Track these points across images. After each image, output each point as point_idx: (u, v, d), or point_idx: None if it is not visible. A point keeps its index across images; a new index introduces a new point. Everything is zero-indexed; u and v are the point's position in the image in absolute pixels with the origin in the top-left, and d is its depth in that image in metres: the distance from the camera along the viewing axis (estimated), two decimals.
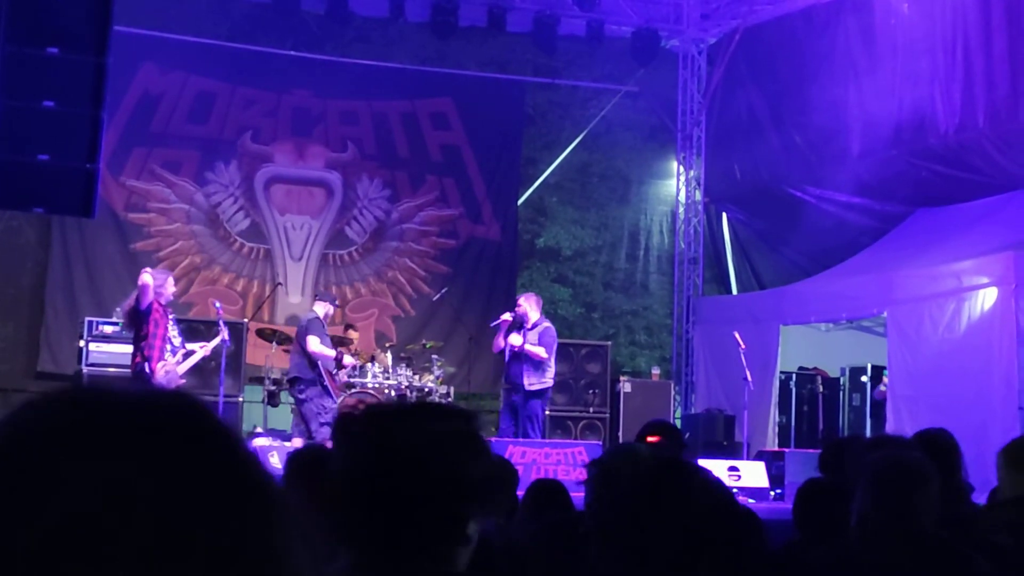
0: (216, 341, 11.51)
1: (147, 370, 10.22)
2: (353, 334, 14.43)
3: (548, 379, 12.61)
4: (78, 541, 0.73)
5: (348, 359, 12.84)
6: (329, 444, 4.68)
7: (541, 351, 12.40)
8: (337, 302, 13.13)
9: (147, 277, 10.35)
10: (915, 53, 14.20)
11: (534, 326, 12.60)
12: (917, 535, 2.98)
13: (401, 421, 1.98)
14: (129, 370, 10.92)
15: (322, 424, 11.86)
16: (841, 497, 3.38)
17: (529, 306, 12.71)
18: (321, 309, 12.72)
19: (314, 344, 12.18)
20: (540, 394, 12.54)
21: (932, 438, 4.46)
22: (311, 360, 12.24)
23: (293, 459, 3.85)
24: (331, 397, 12.26)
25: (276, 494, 0.82)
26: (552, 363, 12.62)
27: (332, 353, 12.42)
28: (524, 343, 12.42)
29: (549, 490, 4.61)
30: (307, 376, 12.25)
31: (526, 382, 12.40)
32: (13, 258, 15.75)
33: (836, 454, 4.27)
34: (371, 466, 1.89)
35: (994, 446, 4.80)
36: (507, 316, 12.70)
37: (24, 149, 8.16)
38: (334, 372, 12.57)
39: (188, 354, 10.88)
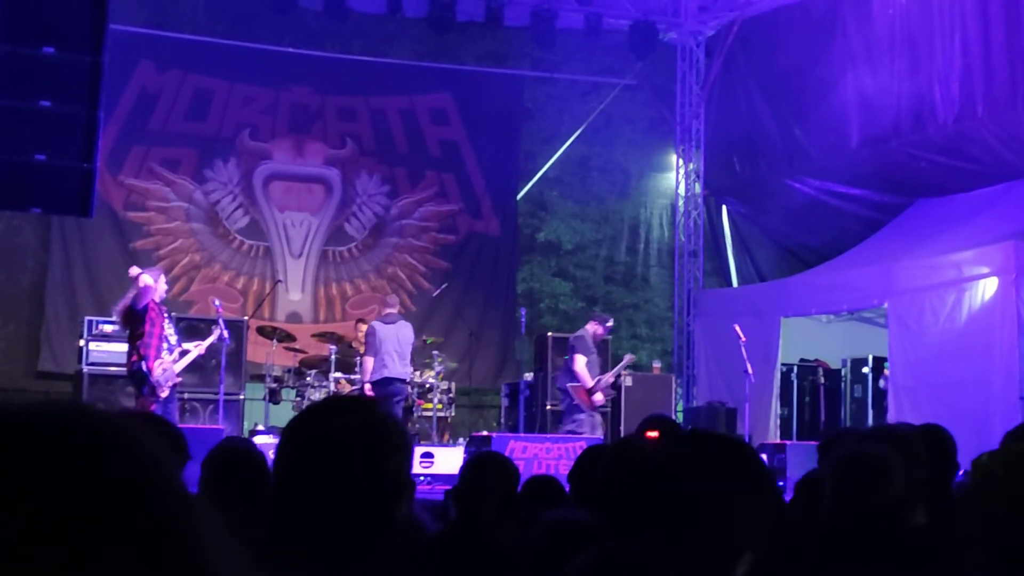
0: (211, 339, 11.47)
1: (143, 369, 10.20)
2: (363, 326, 14.43)
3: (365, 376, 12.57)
4: None
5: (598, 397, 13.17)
6: None
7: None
8: (610, 323, 13.39)
9: (147, 278, 10.32)
10: (913, 43, 14.17)
11: None
12: (882, 526, 2.97)
13: (314, 419, 2.02)
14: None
15: (567, 430, 12.83)
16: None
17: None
18: (591, 328, 12.99)
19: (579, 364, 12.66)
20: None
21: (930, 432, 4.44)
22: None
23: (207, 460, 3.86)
24: (582, 411, 12.77)
25: (182, 500, 0.81)
26: (371, 360, 12.44)
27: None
28: None
29: (544, 485, 4.61)
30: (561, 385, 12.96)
31: None
32: (13, 257, 15.76)
33: (830, 446, 4.25)
34: (296, 464, 1.93)
35: (995, 436, 4.79)
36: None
37: (21, 149, 8.16)
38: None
39: (184, 352, 10.85)
